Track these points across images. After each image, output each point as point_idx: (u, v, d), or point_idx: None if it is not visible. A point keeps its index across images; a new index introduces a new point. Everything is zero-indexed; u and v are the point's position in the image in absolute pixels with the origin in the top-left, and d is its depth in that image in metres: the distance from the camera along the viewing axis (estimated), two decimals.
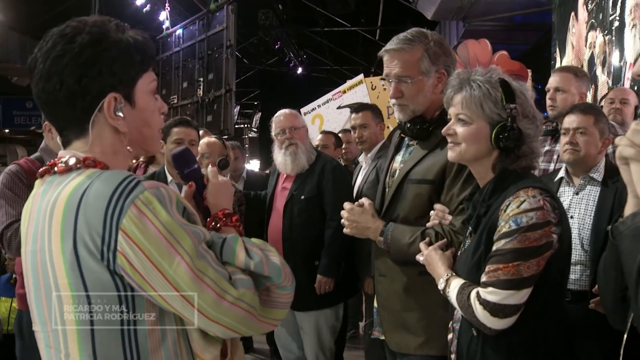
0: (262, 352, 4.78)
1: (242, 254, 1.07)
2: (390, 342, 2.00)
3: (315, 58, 16.01)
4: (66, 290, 1.02)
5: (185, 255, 0.99)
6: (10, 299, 4.41)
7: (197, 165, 1.32)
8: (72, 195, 1.02)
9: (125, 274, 0.99)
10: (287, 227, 3.13)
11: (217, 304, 1.01)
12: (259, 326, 1.09)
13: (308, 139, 3.30)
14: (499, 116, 1.55)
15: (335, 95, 6.21)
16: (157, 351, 1.04)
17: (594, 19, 5.29)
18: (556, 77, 3.01)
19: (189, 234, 1.02)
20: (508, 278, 1.43)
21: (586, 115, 2.40)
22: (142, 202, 0.99)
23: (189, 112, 10.07)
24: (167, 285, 0.99)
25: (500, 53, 7.03)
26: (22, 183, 2.37)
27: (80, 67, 1.05)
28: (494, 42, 7.43)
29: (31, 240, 1.09)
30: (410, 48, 1.92)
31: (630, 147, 0.95)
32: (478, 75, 1.59)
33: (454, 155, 1.64)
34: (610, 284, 1.15)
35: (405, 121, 2.00)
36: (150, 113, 1.16)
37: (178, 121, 2.93)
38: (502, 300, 1.44)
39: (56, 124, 1.13)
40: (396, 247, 1.89)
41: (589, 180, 2.39)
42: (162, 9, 10.94)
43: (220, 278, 1.02)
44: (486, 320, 1.46)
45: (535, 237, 1.43)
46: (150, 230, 0.98)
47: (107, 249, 0.98)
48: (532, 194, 1.47)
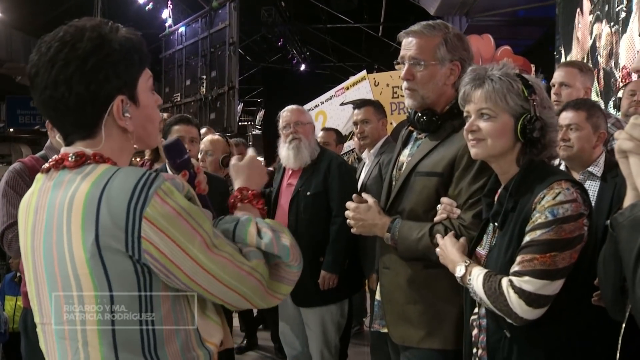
0: (267, 349, 4.79)
1: (254, 234, 1.14)
2: (393, 334, 2.00)
3: (318, 55, 16.01)
4: (89, 287, 1.06)
5: (205, 234, 1.08)
6: (15, 297, 4.43)
7: (188, 155, 1.37)
8: (92, 190, 1.06)
9: (151, 258, 1.05)
10: (293, 223, 3.14)
11: (237, 272, 1.10)
12: (267, 298, 1.16)
13: (313, 135, 3.33)
14: (522, 108, 1.56)
15: (338, 91, 6.19)
16: (171, 338, 1.11)
17: (600, 10, 5.27)
18: (561, 72, 3.01)
19: (207, 215, 1.11)
20: (545, 268, 1.44)
21: (578, 111, 2.41)
22: (164, 191, 1.05)
23: (192, 110, 10.08)
24: (192, 263, 1.06)
25: (504, 48, 6.99)
26: (24, 182, 2.38)
27: (88, 75, 1.08)
28: (497, 38, 7.40)
29: (42, 234, 1.11)
30: (429, 33, 1.92)
31: (629, 140, 0.97)
32: (495, 70, 1.60)
33: (480, 151, 1.62)
34: (610, 275, 1.17)
35: (415, 112, 1.99)
36: (151, 109, 1.21)
37: (178, 119, 2.94)
38: (538, 290, 1.44)
39: (62, 129, 1.16)
40: (404, 244, 1.88)
41: (588, 175, 2.39)
42: (165, 7, 10.93)
43: (234, 251, 1.11)
44: (520, 310, 1.46)
45: (570, 228, 1.45)
46: (173, 215, 1.05)
47: (131, 238, 1.03)
48: (566, 186, 1.48)
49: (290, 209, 3.17)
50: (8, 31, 10.25)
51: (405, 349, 1.96)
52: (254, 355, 4.76)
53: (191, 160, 1.36)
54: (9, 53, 10.30)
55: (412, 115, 2.01)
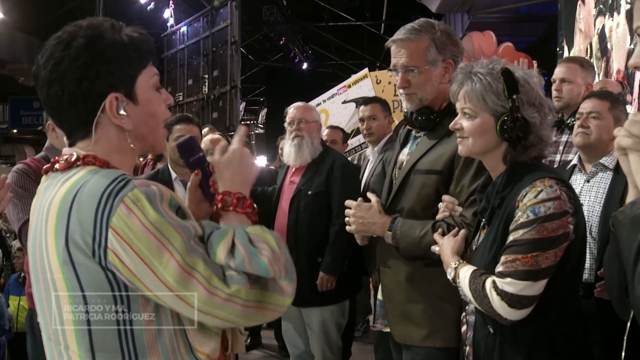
0: (271, 348, 4.80)
1: (222, 253, 1.04)
2: (395, 333, 1.99)
3: (320, 53, 16.01)
4: (63, 288, 1.04)
5: (175, 252, 1.00)
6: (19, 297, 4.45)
7: (203, 153, 1.30)
8: (67, 194, 1.04)
9: (116, 271, 1.01)
10: (293, 222, 3.12)
11: (209, 299, 1.01)
12: (261, 315, 1.08)
13: (318, 134, 3.31)
14: (502, 107, 1.54)
15: (340, 90, 6.18)
16: (153, 346, 1.05)
17: (602, 4, 5.24)
18: (562, 68, 2.99)
19: (178, 230, 1.02)
20: (526, 269, 1.43)
21: (602, 100, 2.39)
22: (130, 200, 1.00)
23: (194, 109, 10.10)
24: (157, 281, 1.00)
25: (506, 45, 6.98)
26: (31, 179, 2.40)
27: (79, 71, 1.07)
28: (500, 34, 7.38)
29: (32, 235, 1.12)
30: (417, 38, 1.92)
31: (628, 137, 0.96)
32: (480, 67, 1.59)
33: (463, 149, 1.64)
34: (615, 273, 1.15)
35: (412, 112, 1.99)
36: (155, 107, 1.17)
37: (179, 118, 2.94)
38: (520, 292, 1.43)
39: (63, 128, 1.15)
40: (406, 242, 1.88)
41: (601, 167, 2.36)
42: (166, 7, 10.95)
43: (211, 274, 1.02)
44: (503, 311, 1.45)
45: (553, 227, 1.43)
46: (139, 227, 0.99)
47: (98, 247, 1.00)
48: (549, 183, 1.46)
49: (290, 207, 3.15)
50: (10, 32, 10.28)
51: (408, 347, 1.96)
52: (258, 354, 4.76)
53: (206, 159, 1.29)
54: (11, 54, 10.34)
55: (409, 115, 2.02)
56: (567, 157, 2.75)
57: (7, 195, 1.80)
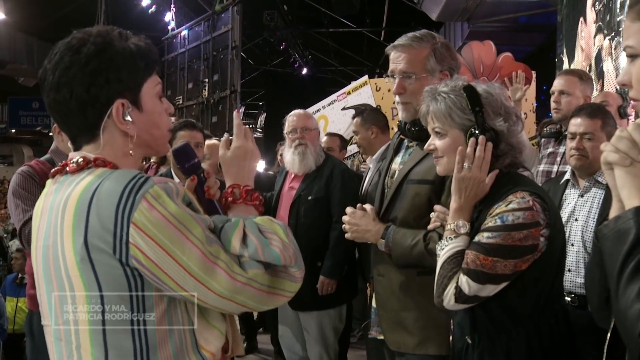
0: (267, 353, 4.80)
1: (237, 243, 1.10)
2: (389, 341, 2.01)
3: (320, 59, 16.04)
4: (80, 288, 1.07)
5: (197, 241, 1.05)
6: (16, 299, 4.44)
7: (198, 160, 1.35)
8: (84, 193, 1.07)
9: (139, 264, 1.04)
10: (293, 227, 3.12)
11: (232, 285, 1.07)
12: (271, 300, 1.13)
13: (318, 141, 3.34)
14: (469, 121, 1.58)
15: (340, 96, 6.20)
16: (164, 343, 1.09)
17: (601, 21, 5.28)
18: (561, 80, 3.02)
19: (198, 221, 1.08)
20: (484, 271, 1.46)
21: (593, 119, 2.38)
22: (152, 196, 1.04)
23: (194, 113, 10.11)
24: (182, 271, 1.05)
25: (505, 54, 7.00)
26: (35, 182, 2.41)
27: (88, 77, 1.10)
28: (499, 44, 7.39)
29: (42, 236, 1.13)
30: (418, 45, 1.94)
31: (614, 152, 0.98)
32: (444, 87, 1.63)
33: (440, 169, 1.68)
34: (596, 285, 1.17)
35: (406, 122, 2.01)
36: (157, 115, 1.21)
37: (183, 124, 2.97)
38: (471, 292, 1.48)
39: (69, 132, 1.18)
40: (398, 251, 1.89)
41: (594, 182, 2.38)
42: (168, 10, 10.98)
43: (231, 261, 1.08)
44: (446, 300, 1.52)
45: (519, 236, 1.45)
46: (160, 220, 1.04)
47: (119, 243, 1.03)
48: (521, 195, 1.49)
49: (290, 213, 3.18)
50: (11, 33, 10.29)
51: (401, 355, 1.97)
52: (254, 358, 4.76)
53: (201, 165, 1.35)
54: (11, 54, 10.33)
55: (402, 125, 2.04)
56: (564, 168, 2.76)
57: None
